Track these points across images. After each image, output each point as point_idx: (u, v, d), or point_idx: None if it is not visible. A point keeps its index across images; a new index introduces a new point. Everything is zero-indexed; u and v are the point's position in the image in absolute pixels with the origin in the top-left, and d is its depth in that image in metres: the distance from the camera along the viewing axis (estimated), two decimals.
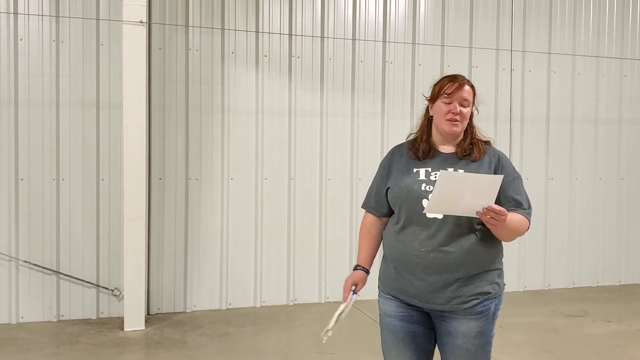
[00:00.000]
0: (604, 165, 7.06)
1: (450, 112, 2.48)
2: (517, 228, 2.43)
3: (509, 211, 2.38)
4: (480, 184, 2.27)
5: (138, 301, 5.26)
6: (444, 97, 2.50)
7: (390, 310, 2.58)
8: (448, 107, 2.49)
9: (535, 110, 6.79)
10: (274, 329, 5.36)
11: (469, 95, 2.51)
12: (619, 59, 6.99)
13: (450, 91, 2.49)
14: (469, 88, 2.52)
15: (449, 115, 2.48)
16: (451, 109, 2.48)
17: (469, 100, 2.51)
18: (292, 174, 6.11)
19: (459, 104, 2.48)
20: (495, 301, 2.49)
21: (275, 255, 6.09)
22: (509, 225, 2.36)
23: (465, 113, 2.51)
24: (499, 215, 2.28)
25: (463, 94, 2.49)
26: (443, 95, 2.50)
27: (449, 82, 2.51)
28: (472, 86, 2.55)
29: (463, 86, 2.50)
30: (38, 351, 4.71)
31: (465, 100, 2.50)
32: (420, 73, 6.38)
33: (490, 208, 2.26)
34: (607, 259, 7.10)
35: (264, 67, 6.00)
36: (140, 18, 5.08)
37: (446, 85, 2.51)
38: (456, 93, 2.48)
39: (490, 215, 2.27)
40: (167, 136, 5.75)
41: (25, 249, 5.40)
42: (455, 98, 2.48)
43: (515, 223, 2.41)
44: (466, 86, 2.52)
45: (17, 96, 5.35)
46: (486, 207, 2.27)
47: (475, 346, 2.47)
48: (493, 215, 2.27)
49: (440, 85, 2.53)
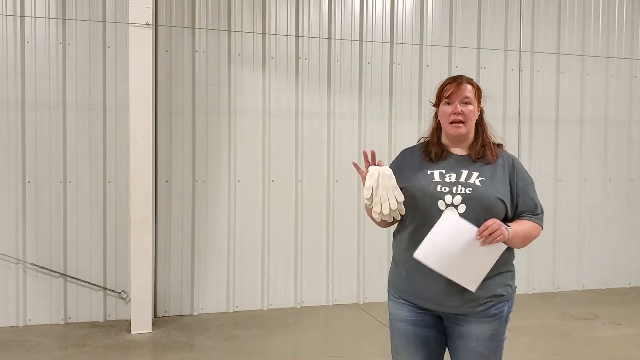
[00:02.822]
0: (614, 166, 7.00)
1: (453, 114, 2.46)
2: (527, 235, 2.44)
3: (522, 218, 2.40)
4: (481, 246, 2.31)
5: (145, 304, 5.26)
6: (445, 99, 2.49)
7: (401, 314, 2.54)
8: (450, 108, 2.47)
9: (544, 111, 6.75)
10: (281, 332, 5.34)
11: (470, 93, 2.48)
12: (629, 60, 6.94)
13: (448, 93, 2.47)
14: (469, 86, 2.49)
15: (452, 117, 2.46)
16: (453, 110, 2.46)
17: (470, 97, 2.47)
18: (300, 176, 6.09)
19: (460, 103, 2.46)
20: (508, 304, 2.48)
21: (283, 258, 6.07)
22: (518, 235, 2.38)
23: (468, 112, 2.47)
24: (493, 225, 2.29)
25: (463, 93, 2.47)
26: (444, 97, 2.49)
27: (448, 84, 2.50)
28: (473, 84, 2.52)
29: (461, 85, 2.48)
30: (45, 354, 4.71)
31: (467, 97, 2.47)
32: (428, 74, 6.35)
33: (484, 228, 2.28)
34: (617, 261, 7.04)
35: (271, 68, 5.98)
36: (146, 20, 5.08)
37: (445, 87, 2.50)
38: (456, 92, 2.46)
39: (487, 233, 2.29)
40: (174, 138, 5.74)
41: (32, 252, 5.40)
42: (455, 98, 2.46)
43: (525, 231, 2.41)
44: (465, 84, 2.49)
45: (24, 99, 5.35)
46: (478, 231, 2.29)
47: (488, 349, 2.44)
48: (488, 229, 2.28)
49: (441, 88, 2.53)
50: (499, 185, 2.42)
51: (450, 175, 2.43)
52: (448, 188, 2.39)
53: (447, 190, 2.39)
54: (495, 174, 2.45)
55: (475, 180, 2.41)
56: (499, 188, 2.41)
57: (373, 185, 2.36)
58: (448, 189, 2.39)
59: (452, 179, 2.41)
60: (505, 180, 2.44)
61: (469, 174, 2.43)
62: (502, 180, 2.43)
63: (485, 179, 2.42)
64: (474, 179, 2.42)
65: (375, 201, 2.36)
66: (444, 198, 2.39)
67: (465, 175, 2.43)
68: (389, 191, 2.36)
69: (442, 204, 2.38)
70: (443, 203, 2.38)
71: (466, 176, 2.43)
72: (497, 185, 2.42)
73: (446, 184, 2.41)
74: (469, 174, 2.43)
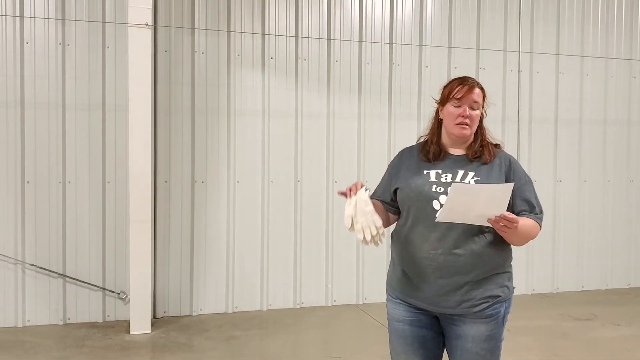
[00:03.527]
0: (613, 167, 7.00)
1: (460, 116, 2.45)
2: (528, 233, 2.42)
3: (521, 216, 2.38)
4: (491, 194, 2.27)
5: (144, 304, 5.25)
6: (454, 101, 2.47)
7: (399, 314, 2.55)
8: (458, 110, 2.46)
9: (543, 112, 6.74)
10: (280, 333, 5.34)
11: (479, 97, 2.48)
12: (628, 60, 6.94)
13: (460, 95, 2.45)
14: (479, 90, 2.49)
15: (459, 119, 2.45)
16: (461, 113, 2.45)
17: (479, 102, 2.48)
18: (299, 177, 6.09)
19: (469, 107, 2.46)
20: (504, 304, 2.47)
21: (282, 258, 6.06)
22: (521, 231, 2.34)
23: (475, 116, 2.48)
24: (511, 223, 2.26)
25: (473, 97, 2.46)
26: (453, 99, 2.47)
27: (459, 85, 2.48)
28: (482, 88, 2.52)
29: (473, 89, 2.47)
30: (44, 354, 4.71)
31: (475, 102, 2.47)
32: (427, 75, 6.35)
33: (503, 216, 2.25)
34: (616, 262, 7.04)
35: (270, 69, 5.98)
36: (145, 21, 5.08)
37: (456, 88, 2.48)
38: (466, 96, 2.45)
39: (502, 223, 2.26)
40: (173, 139, 5.74)
41: (31, 252, 5.39)
42: (465, 101, 2.45)
43: (527, 228, 2.40)
44: (476, 89, 2.48)
45: (23, 99, 5.35)
46: (498, 215, 2.25)
47: (485, 350, 2.45)
48: (506, 223, 2.25)
49: (450, 89, 2.50)
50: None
51: (447, 175, 2.44)
52: (443, 188, 2.40)
53: (442, 191, 2.40)
54: (491, 173, 2.45)
55: (471, 180, 2.42)
56: None
57: (352, 213, 2.33)
58: (443, 189, 2.39)
59: (448, 179, 2.42)
60: (501, 179, 2.45)
61: (465, 174, 2.44)
62: (497, 180, 2.44)
63: (480, 178, 2.42)
64: (469, 178, 2.43)
65: (357, 228, 2.33)
66: (438, 198, 2.40)
67: (460, 176, 2.44)
68: (367, 217, 2.32)
69: (437, 204, 2.39)
70: (438, 203, 2.39)
71: (462, 176, 2.44)
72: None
73: (442, 184, 2.42)
74: (464, 174, 2.44)
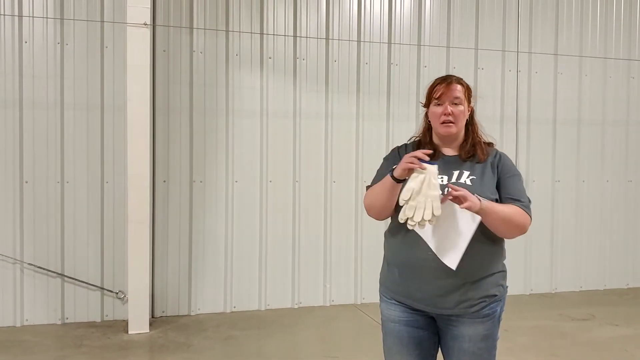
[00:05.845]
0: (611, 167, 7.01)
1: (443, 114, 2.46)
2: (511, 218, 2.36)
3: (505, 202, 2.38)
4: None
5: (142, 304, 5.25)
6: (435, 100, 2.49)
7: (394, 315, 2.54)
8: (440, 109, 2.47)
9: (542, 112, 6.75)
10: (278, 332, 5.34)
11: (460, 93, 2.48)
12: (627, 60, 6.94)
13: (438, 94, 2.47)
14: (459, 86, 2.49)
15: (442, 118, 2.47)
16: (443, 111, 2.46)
17: (460, 98, 2.48)
18: (297, 177, 6.09)
19: (451, 104, 2.46)
20: (500, 304, 2.48)
21: (280, 258, 6.07)
22: (497, 212, 2.31)
23: (458, 112, 2.47)
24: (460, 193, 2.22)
25: (453, 93, 2.47)
26: (434, 98, 2.49)
27: (438, 84, 2.50)
28: (463, 84, 2.52)
29: (451, 85, 2.48)
30: (43, 354, 4.70)
31: (457, 98, 2.47)
32: (426, 75, 6.35)
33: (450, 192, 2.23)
34: (614, 262, 7.04)
35: (269, 69, 5.98)
36: (144, 20, 5.08)
37: (435, 87, 2.50)
38: (446, 93, 2.46)
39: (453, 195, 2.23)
40: (171, 139, 5.74)
41: (30, 252, 5.40)
42: (445, 99, 2.46)
43: (507, 212, 2.35)
44: (455, 84, 2.49)
45: (21, 98, 5.35)
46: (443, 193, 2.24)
47: (482, 349, 2.45)
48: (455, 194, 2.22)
49: (431, 89, 2.53)
50: (490, 183, 2.43)
51: (442, 177, 2.43)
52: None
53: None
54: (485, 171, 2.46)
55: (466, 180, 2.42)
56: (489, 186, 2.42)
57: (415, 188, 2.22)
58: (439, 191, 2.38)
59: (444, 181, 2.41)
60: (495, 176, 2.45)
61: (460, 174, 2.44)
62: (492, 178, 2.44)
63: (475, 177, 2.43)
64: (464, 178, 2.43)
65: (410, 205, 2.19)
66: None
67: (456, 176, 2.44)
68: (428, 200, 2.19)
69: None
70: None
71: (457, 176, 2.44)
72: (487, 183, 2.43)
73: None
74: (459, 173, 2.45)
